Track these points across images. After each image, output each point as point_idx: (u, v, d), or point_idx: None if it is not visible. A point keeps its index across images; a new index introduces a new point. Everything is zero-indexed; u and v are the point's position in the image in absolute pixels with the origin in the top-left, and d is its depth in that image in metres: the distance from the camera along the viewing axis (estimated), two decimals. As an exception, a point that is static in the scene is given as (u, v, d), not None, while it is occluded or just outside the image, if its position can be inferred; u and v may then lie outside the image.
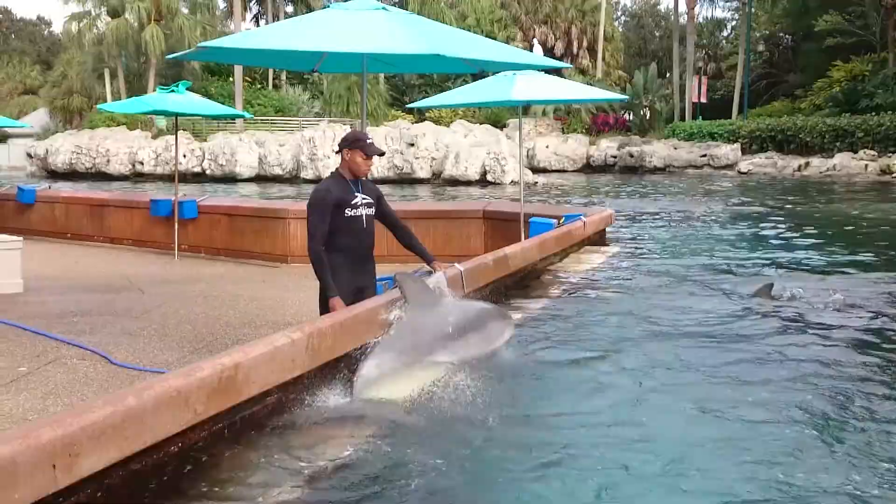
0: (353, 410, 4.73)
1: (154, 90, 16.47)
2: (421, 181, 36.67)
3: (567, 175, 41.90)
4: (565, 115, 50.93)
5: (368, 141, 5.57)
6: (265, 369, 4.37)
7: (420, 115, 47.57)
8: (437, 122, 44.70)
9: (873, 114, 37.96)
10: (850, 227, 16.84)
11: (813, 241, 14.44)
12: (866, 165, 35.36)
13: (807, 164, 37.31)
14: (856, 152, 36.85)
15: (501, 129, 44.71)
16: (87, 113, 55.71)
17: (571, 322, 7.19)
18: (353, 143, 5.53)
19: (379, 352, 5.14)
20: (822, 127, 38.79)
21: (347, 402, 4.81)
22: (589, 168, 44.42)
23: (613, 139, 45.97)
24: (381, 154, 5.67)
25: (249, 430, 4.30)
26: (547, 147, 44.63)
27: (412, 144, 37.44)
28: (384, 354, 5.15)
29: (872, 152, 36.38)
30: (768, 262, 11.62)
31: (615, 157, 43.86)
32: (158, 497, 3.59)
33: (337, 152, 5.64)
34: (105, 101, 50.48)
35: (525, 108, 30.98)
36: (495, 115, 48.24)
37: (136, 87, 53.48)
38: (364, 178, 5.70)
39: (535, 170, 40.36)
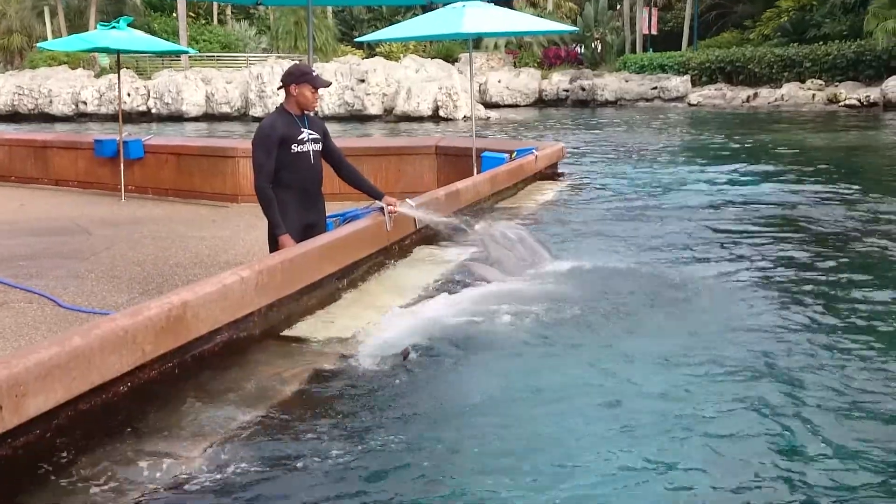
0: (311, 348, 4.72)
1: (95, 27, 16.01)
2: (372, 118, 36.29)
3: (519, 109, 41.72)
4: (517, 49, 50.52)
5: (314, 73, 5.53)
6: (215, 307, 4.36)
7: (370, 51, 46.91)
8: (387, 56, 44.07)
9: (821, 43, 38.15)
10: (796, 154, 17.05)
11: (743, 171, 14.58)
12: (814, 95, 35.67)
13: (755, 94, 37.52)
14: (803, 82, 37.10)
15: (453, 64, 44.22)
16: (28, 52, 54.10)
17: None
18: (300, 77, 5.44)
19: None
20: (770, 57, 38.94)
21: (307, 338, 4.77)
22: (541, 102, 44.20)
23: (565, 73, 45.71)
24: (328, 85, 5.66)
25: (200, 368, 4.29)
26: (499, 81, 44.28)
27: (363, 80, 36.94)
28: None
29: (820, 82, 36.67)
30: (708, 191, 11.78)
31: (567, 90, 43.69)
32: (110, 436, 3.58)
33: (279, 88, 5.53)
34: (45, 39, 48.95)
35: (476, 42, 30.67)
36: (447, 50, 47.67)
37: (77, 24, 51.80)
38: (311, 114, 5.63)
39: (488, 105, 40.08)
